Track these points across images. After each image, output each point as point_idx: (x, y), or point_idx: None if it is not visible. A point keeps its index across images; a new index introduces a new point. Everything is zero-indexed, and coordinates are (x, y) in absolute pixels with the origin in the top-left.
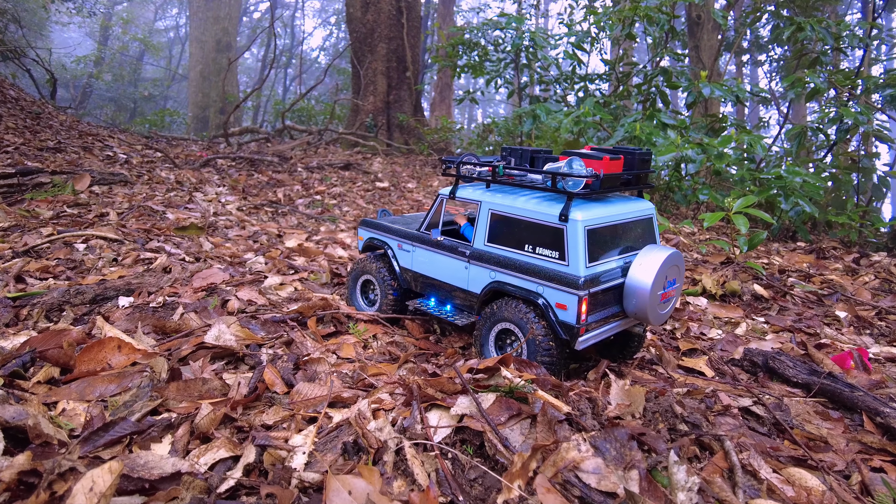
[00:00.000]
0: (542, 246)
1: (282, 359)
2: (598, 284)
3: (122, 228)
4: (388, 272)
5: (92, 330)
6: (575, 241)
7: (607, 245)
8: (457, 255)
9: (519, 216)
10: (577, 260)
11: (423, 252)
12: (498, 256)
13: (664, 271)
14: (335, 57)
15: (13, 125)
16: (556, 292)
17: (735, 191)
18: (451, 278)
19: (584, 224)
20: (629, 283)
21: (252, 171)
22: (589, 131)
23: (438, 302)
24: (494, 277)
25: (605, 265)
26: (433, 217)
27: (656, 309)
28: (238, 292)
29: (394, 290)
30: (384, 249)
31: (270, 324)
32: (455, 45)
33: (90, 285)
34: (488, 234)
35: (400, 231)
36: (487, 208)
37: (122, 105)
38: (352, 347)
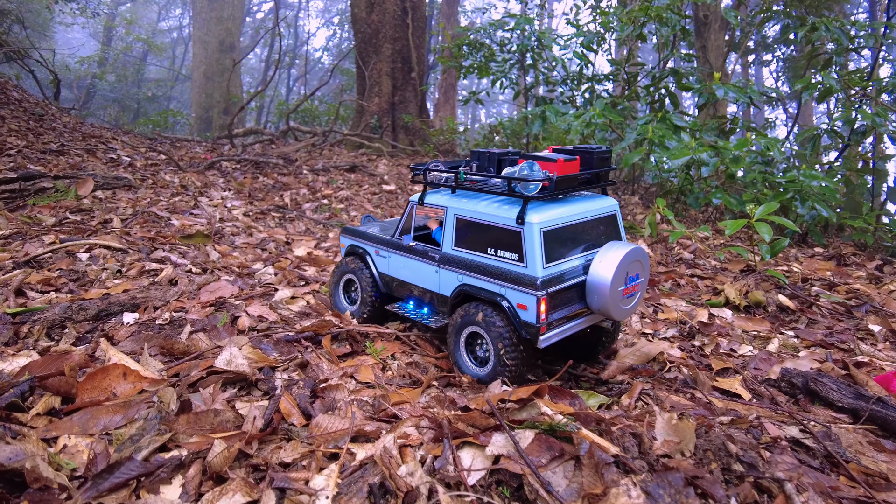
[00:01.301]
0: (502, 248)
1: (297, 385)
2: (557, 284)
3: (127, 236)
4: (368, 276)
5: (95, 351)
6: (531, 243)
7: (567, 244)
8: (428, 260)
9: (481, 220)
10: (534, 261)
11: (398, 257)
12: (464, 260)
13: (624, 267)
14: (341, 58)
15: (16, 127)
16: (516, 293)
17: (747, 194)
18: (424, 282)
19: (540, 226)
20: (590, 280)
21: (257, 173)
22: (598, 133)
23: (416, 305)
24: (462, 280)
25: (566, 264)
26: (405, 223)
27: (618, 304)
28: (248, 307)
29: (374, 293)
30: (364, 255)
31: (283, 343)
32: (460, 45)
33: (93, 300)
34: (455, 238)
35: (376, 238)
36: (453, 213)
37: (125, 105)
38: (370, 370)
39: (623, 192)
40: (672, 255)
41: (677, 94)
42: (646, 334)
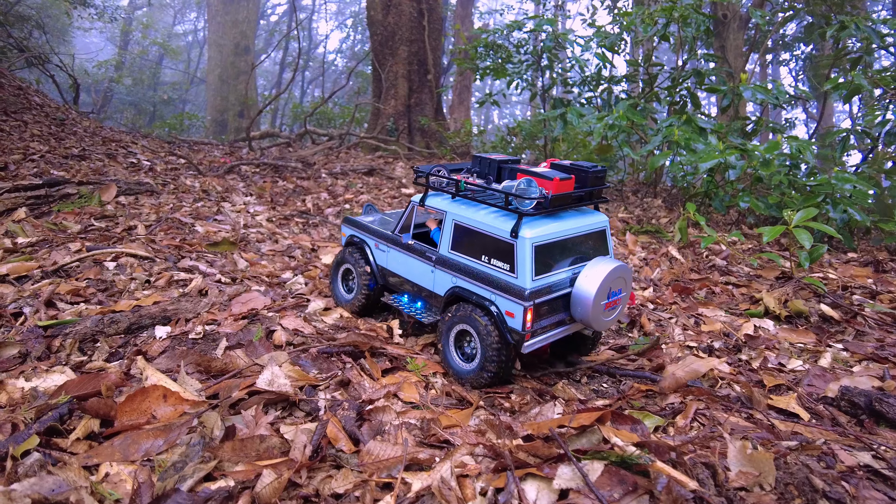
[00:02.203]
0: (496, 258)
1: (342, 406)
2: (544, 295)
3: (152, 244)
4: (366, 266)
5: (130, 368)
6: (523, 256)
7: (556, 257)
8: (424, 259)
9: (478, 229)
10: (524, 273)
11: (397, 253)
12: (459, 263)
13: (608, 283)
14: (359, 61)
15: (38, 132)
16: (505, 301)
17: (772, 196)
18: (420, 279)
19: (532, 241)
20: (575, 293)
21: (276, 177)
22: (620, 136)
23: (410, 300)
24: (455, 283)
25: (553, 277)
26: (405, 221)
27: (600, 317)
28: (282, 320)
29: (370, 284)
30: (363, 245)
31: (322, 358)
32: (477, 46)
33: (124, 313)
34: (452, 242)
35: (377, 232)
36: (452, 219)
37: (141, 108)
38: (413, 388)
39: (644, 195)
40: (704, 262)
41: (697, 94)
42: (690, 347)
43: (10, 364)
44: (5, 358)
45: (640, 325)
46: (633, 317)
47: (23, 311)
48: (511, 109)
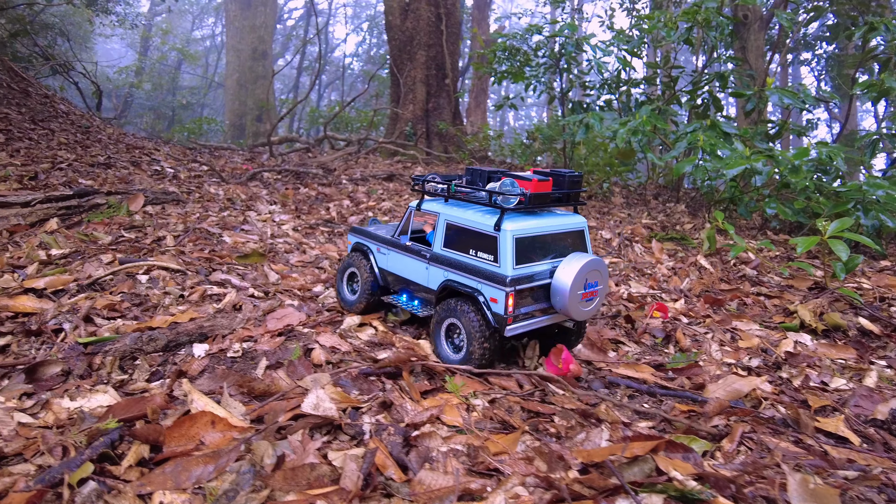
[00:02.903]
0: (481, 251)
1: (387, 431)
2: (525, 283)
3: (182, 255)
4: (369, 269)
5: (173, 390)
6: (504, 246)
7: (536, 251)
8: (420, 258)
9: (466, 226)
10: (505, 262)
11: (396, 255)
12: (450, 259)
13: (584, 274)
14: (378, 66)
15: (65, 140)
16: (489, 288)
17: (798, 202)
18: (416, 277)
19: (513, 233)
20: (554, 283)
21: (298, 184)
22: (643, 140)
23: (409, 297)
24: (447, 276)
25: (534, 268)
26: (404, 225)
27: (578, 306)
28: (318, 337)
29: (373, 285)
30: (367, 251)
31: (362, 379)
32: (496, 50)
33: (162, 330)
34: (444, 240)
35: (378, 237)
36: (444, 219)
37: (160, 113)
38: (456, 410)
39: (666, 200)
40: (733, 271)
41: (719, 98)
42: (729, 365)
43: (53, 382)
44: (49, 376)
45: (675, 341)
46: (668, 331)
47: (63, 327)
48: (526, 112)
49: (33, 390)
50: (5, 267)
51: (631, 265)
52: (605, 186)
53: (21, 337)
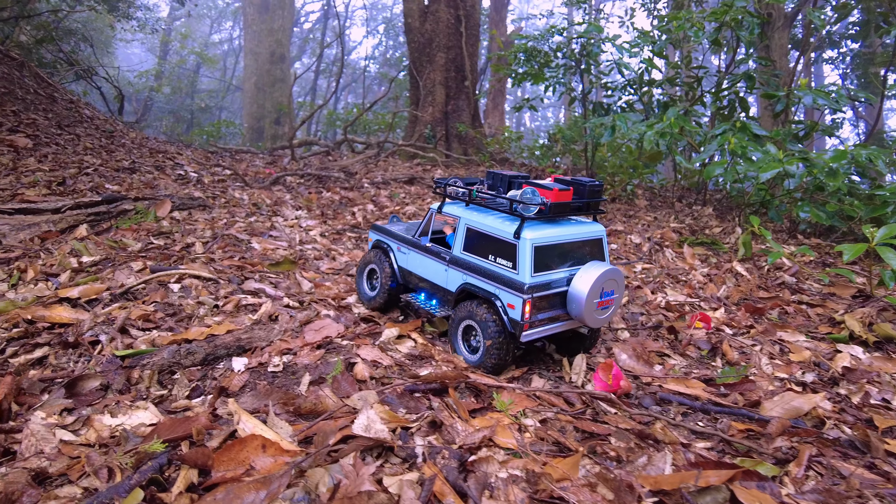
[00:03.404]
0: (501, 257)
1: (441, 454)
2: (542, 290)
3: (212, 263)
4: (389, 267)
5: (216, 408)
6: (524, 254)
7: (555, 259)
8: (440, 260)
9: (486, 232)
10: (524, 269)
11: (416, 255)
12: (469, 263)
13: (600, 283)
14: (399, 70)
15: (90, 145)
16: (507, 294)
17: (831, 205)
18: (435, 278)
19: (532, 241)
20: (570, 292)
21: (320, 187)
22: (671, 143)
23: (427, 297)
24: (466, 280)
25: (552, 275)
26: (424, 227)
27: (593, 314)
28: (359, 350)
29: (392, 283)
30: (387, 249)
31: (407, 396)
32: (516, 52)
33: (199, 343)
34: (464, 244)
35: (399, 236)
36: (464, 223)
37: (179, 117)
38: (508, 431)
39: (692, 202)
40: (770, 278)
41: (746, 99)
42: (781, 380)
43: (93, 397)
44: (88, 390)
45: (722, 353)
46: (714, 343)
47: (99, 338)
48: (543, 112)
49: (73, 405)
50: (39, 275)
51: (664, 271)
52: (630, 189)
53: (58, 348)
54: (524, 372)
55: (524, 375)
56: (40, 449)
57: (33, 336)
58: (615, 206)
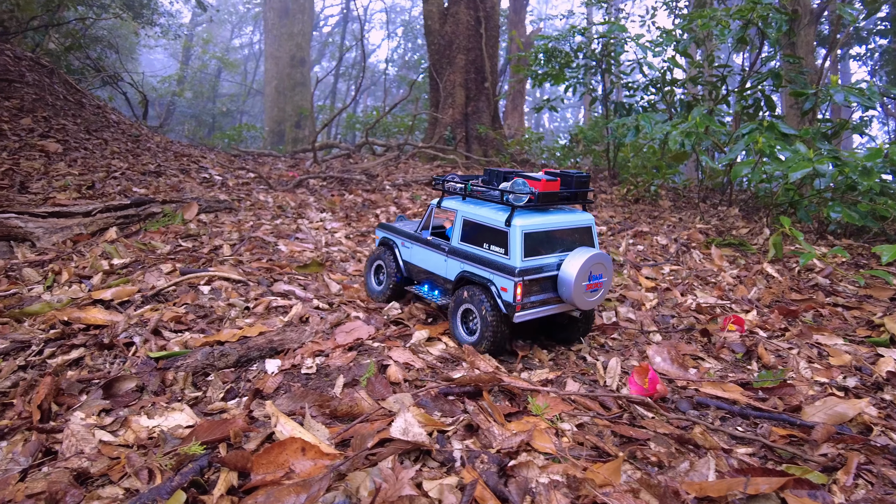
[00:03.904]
0: (494, 244)
1: (480, 458)
2: (532, 274)
3: (241, 265)
4: (394, 262)
5: (252, 410)
6: (514, 240)
7: (545, 245)
8: (439, 251)
9: (481, 222)
10: (515, 254)
11: (418, 248)
12: (466, 252)
13: (588, 267)
14: (420, 73)
15: (117, 149)
16: (500, 278)
17: (862, 205)
18: (436, 268)
19: (522, 228)
20: (560, 275)
21: (343, 190)
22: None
23: (430, 288)
24: (463, 268)
25: (542, 260)
26: (425, 221)
27: (582, 296)
28: (390, 352)
29: (397, 276)
30: (393, 245)
31: (441, 399)
32: (537, 52)
33: (232, 345)
34: (461, 234)
35: (403, 232)
36: (461, 215)
37: (201, 121)
38: (546, 436)
39: (717, 203)
40: (803, 280)
41: (772, 97)
42: (821, 384)
43: (129, 398)
44: (124, 392)
45: (757, 356)
46: (749, 346)
47: (133, 340)
48: (562, 113)
49: (111, 406)
50: (73, 277)
51: (692, 273)
52: (653, 189)
53: (94, 350)
54: (558, 375)
55: (558, 379)
56: (80, 449)
57: (69, 337)
58: (639, 206)
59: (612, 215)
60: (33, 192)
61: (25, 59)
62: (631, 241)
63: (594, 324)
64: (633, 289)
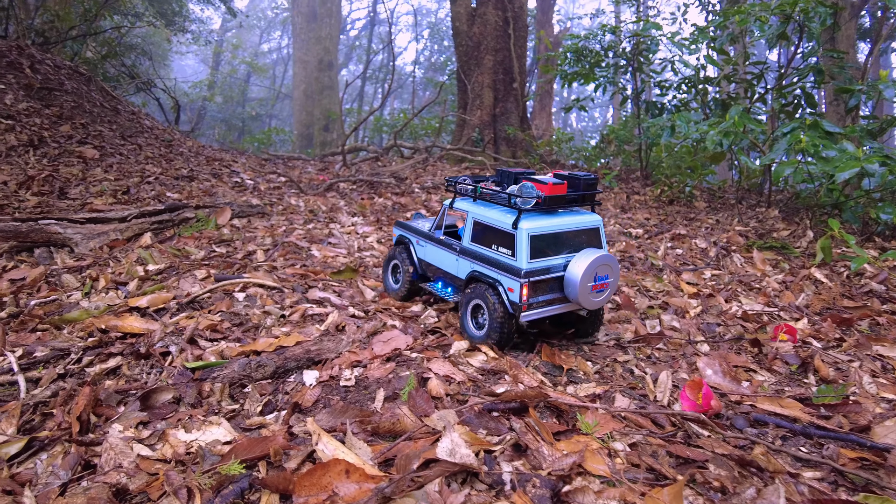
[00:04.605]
0: (502, 246)
1: (531, 482)
2: (538, 275)
3: (275, 271)
4: (409, 260)
5: (291, 426)
6: (521, 242)
7: (551, 246)
8: (451, 250)
9: (490, 223)
10: (521, 256)
11: (432, 247)
12: (476, 252)
13: (594, 268)
14: (447, 76)
15: (151, 154)
16: (507, 279)
17: None
18: (448, 267)
19: (528, 231)
20: (566, 276)
21: (372, 193)
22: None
23: (443, 285)
24: (474, 268)
25: (549, 261)
26: (438, 221)
27: (588, 296)
28: (430, 363)
29: (413, 275)
30: (408, 243)
31: (486, 416)
32: (567, 52)
33: (269, 355)
34: (472, 235)
35: (418, 230)
36: (472, 217)
37: (231, 125)
38: (598, 457)
39: (753, 204)
40: (855, 286)
41: (813, 95)
42: (889, 401)
43: (166, 411)
44: (161, 403)
45: (814, 369)
46: (804, 358)
47: (169, 349)
48: (590, 112)
49: (148, 418)
50: (110, 283)
51: (735, 278)
52: (688, 190)
53: (131, 359)
54: (606, 390)
55: (606, 394)
56: (119, 463)
57: (107, 345)
58: (674, 208)
59: (647, 217)
60: (72, 198)
61: (65, 68)
62: (669, 244)
63: (602, 322)
64: (676, 295)
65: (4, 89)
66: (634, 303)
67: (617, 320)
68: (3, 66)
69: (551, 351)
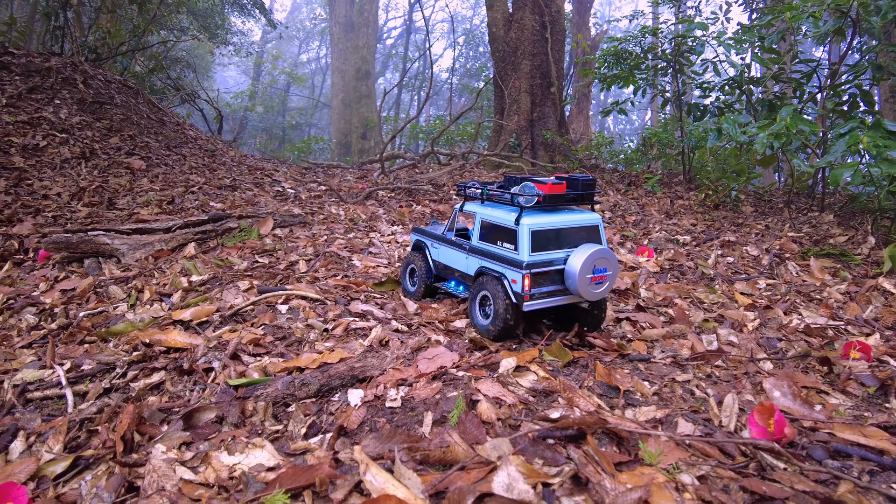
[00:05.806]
0: (506, 242)
1: None
2: (540, 267)
3: (317, 282)
4: (424, 262)
5: (336, 451)
6: (522, 237)
7: (552, 241)
8: (462, 250)
9: (495, 222)
10: (523, 250)
11: (444, 248)
12: (484, 249)
13: (592, 261)
14: (485, 83)
15: (195, 164)
16: (511, 271)
17: None
18: (459, 265)
19: (529, 227)
20: (566, 268)
21: (410, 201)
22: (786, 145)
23: (456, 284)
24: (481, 264)
25: (550, 255)
26: (450, 224)
27: (587, 288)
28: (478, 384)
29: (427, 275)
30: (424, 247)
31: (542, 444)
32: (606, 55)
33: (313, 373)
34: (479, 234)
35: (432, 234)
36: (479, 217)
37: (272, 134)
38: (665, 491)
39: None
40: None
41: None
42: None
43: (209, 430)
44: (204, 423)
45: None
46: (884, 379)
47: (212, 365)
48: (627, 116)
49: (191, 439)
50: (154, 295)
51: (791, 288)
52: (734, 195)
53: (174, 374)
54: (667, 414)
55: (668, 418)
56: (162, 486)
57: (151, 360)
58: (720, 213)
59: (693, 223)
60: (119, 209)
61: (115, 82)
62: (719, 251)
63: (605, 317)
64: (730, 307)
65: (60, 104)
66: (689, 315)
67: (672, 335)
68: (59, 82)
69: (606, 370)
